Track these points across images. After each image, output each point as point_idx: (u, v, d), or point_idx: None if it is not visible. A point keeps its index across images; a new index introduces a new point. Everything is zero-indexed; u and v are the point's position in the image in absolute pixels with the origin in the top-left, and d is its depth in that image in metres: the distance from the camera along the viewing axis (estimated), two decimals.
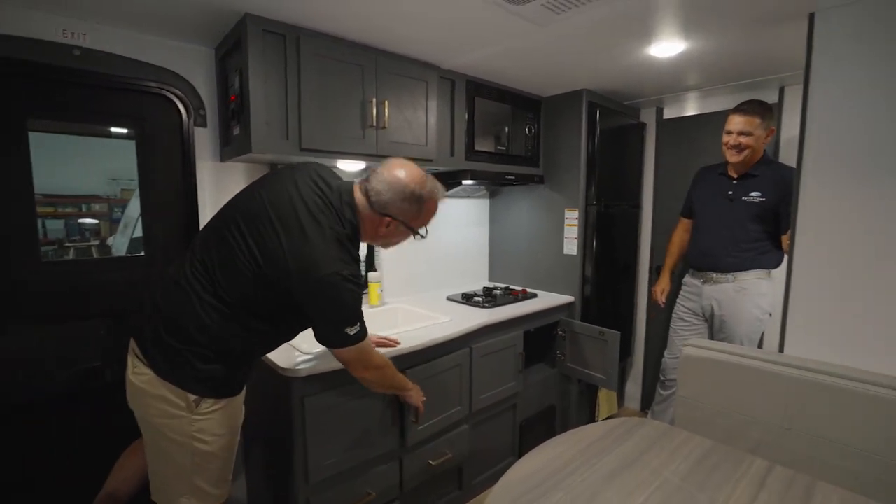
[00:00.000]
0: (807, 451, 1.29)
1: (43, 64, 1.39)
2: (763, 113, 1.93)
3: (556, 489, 1.04)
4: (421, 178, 1.25)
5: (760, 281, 2.02)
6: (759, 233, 2.00)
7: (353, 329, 1.20)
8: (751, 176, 2.03)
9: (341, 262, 1.15)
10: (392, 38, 1.69)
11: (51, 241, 1.54)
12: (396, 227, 1.28)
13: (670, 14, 1.48)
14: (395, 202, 1.23)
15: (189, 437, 1.16)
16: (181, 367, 1.13)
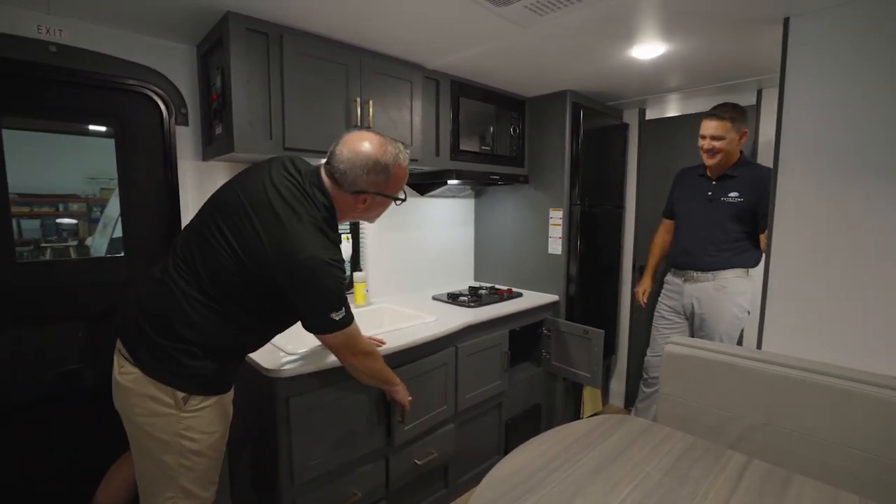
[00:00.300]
0: (784, 445, 1.32)
1: (17, 60, 1.36)
2: (735, 117, 1.98)
3: (540, 485, 1.05)
4: (381, 146, 1.23)
5: (739, 279, 2.07)
6: (738, 232, 2.05)
7: (339, 314, 1.20)
8: (729, 177, 2.07)
9: (321, 246, 1.14)
10: (376, 37, 1.69)
11: (26, 241, 1.51)
12: (373, 200, 1.27)
13: (651, 16, 1.50)
14: (362, 177, 1.21)
15: (177, 435, 1.14)
16: (169, 365, 1.12)
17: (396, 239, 2.45)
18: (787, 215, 1.51)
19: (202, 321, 1.13)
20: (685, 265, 2.17)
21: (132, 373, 1.13)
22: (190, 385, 1.14)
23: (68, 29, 1.43)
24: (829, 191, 1.42)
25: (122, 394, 1.15)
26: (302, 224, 1.14)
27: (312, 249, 1.12)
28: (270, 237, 1.12)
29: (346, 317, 1.22)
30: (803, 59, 1.45)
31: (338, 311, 1.19)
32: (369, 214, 1.34)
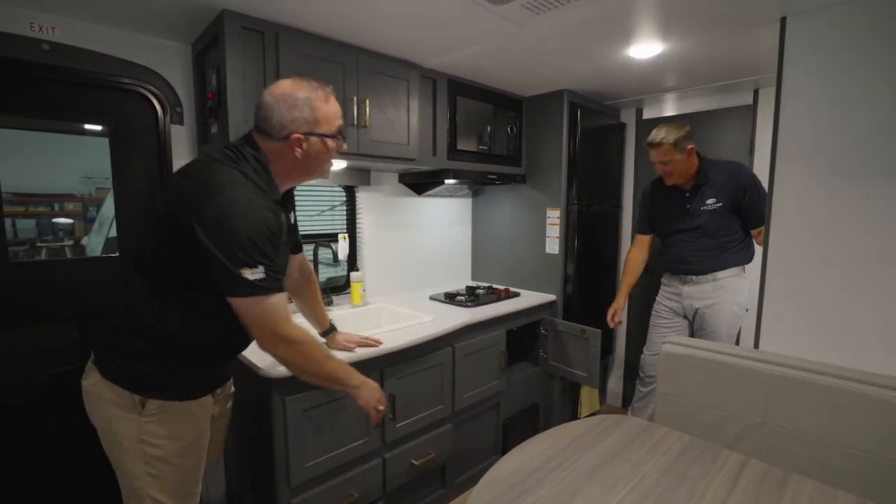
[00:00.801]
0: (781, 444, 1.32)
1: (10, 58, 1.35)
2: (676, 140, 1.97)
3: (538, 486, 1.05)
4: (299, 82, 1.14)
5: (736, 278, 2.08)
6: (726, 235, 2.05)
7: (253, 272, 1.00)
8: (699, 185, 2.07)
9: (245, 190, 1.03)
10: (373, 36, 1.68)
11: (21, 241, 1.49)
12: (310, 144, 1.15)
13: (648, 16, 1.50)
14: (286, 117, 1.11)
15: (138, 440, 1.09)
16: (120, 366, 1.09)
17: (393, 238, 2.45)
18: (785, 214, 1.51)
19: (139, 307, 1.09)
20: (681, 271, 2.18)
21: (93, 377, 1.11)
22: (142, 388, 1.09)
23: (62, 27, 1.42)
24: (827, 190, 1.42)
25: (87, 399, 1.13)
26: (227, 170, 1.05)
27: (232, 192, 1.00)
28: (193, 183, 1.04)
29: (264, 280, 1.02)
30: (800, 58, 1.45)
31: (252, 269, 1.00)
32: (314, 164, 1.19)
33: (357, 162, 1.87)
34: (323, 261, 2.11)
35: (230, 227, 0.98)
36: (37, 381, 1.50)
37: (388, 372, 1.62)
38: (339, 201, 2.23)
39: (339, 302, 2.19)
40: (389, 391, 1.64)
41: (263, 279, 1.02)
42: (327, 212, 2.19)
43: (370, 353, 1.53)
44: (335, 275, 2.26)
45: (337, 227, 2.23)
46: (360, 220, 2.29)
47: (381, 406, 1.30)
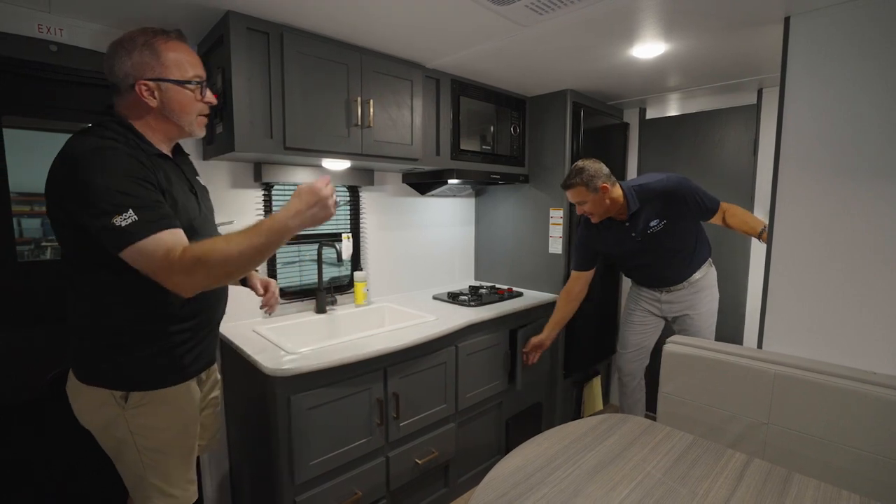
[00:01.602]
0: (784, 444, 1.32)
1: (18, 59, 1.36)
2: (584, 180, 1.89)
3: (541, 485, 1.05)
4: (132, 31, 1.07)
5: (708, 274, 2.09)
6: (683, 243, 2.01)
7: (124, 218, 0.93)
8: (635, 215, 1.96)
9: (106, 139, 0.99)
10: (376, 36, 1.69)
11: (27, 240, 1.51)
12: (163, 91, 1.07)
13: (651, 16, 1.50)
14: (126, 64, 1.04)
15: (129, 433, 1.09)
16: (91, 367, 1.08)
17: (397, 238, 2.45)
18: (789, 214, 1.51)
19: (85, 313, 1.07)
20: (655, 285, 2.16)
21: (72, 382, 1.12)
22: (119, 383, 1.08)
23: (68, 28, 1.43)
24: (831, 190, 1.42)
25: (73, 404, 1.13)
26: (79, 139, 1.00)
27: (81, 146, 0.96)
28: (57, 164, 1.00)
29: (139, 222, 0.94)
30: (804, 58, 1.44)
31: (121, 215, 0.93)
32: (177, 116, 1.11)
33: (361, 162, 1.87)
34: (327, 260, 2.12)
35: (83, 181, 0.93)
36: (41, 381, 1.51)
37: (391, 371, 1.63)
38: (343, 201, 2.24)
39: (343, 301, 2.20)
40: (393, 390, 1.64)
41: (136, 221, 0.94)
42: None
43: (374, 351, 1.54)
44: (339, 274, 2.27)
45: (341, 226, 2.24)
46: (364, 220, 2.30)
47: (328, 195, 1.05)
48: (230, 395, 1.77)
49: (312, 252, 2.13)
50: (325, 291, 2.06)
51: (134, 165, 0.98)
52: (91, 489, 1.61)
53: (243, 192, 1.88)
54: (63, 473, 1.56)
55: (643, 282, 2.20)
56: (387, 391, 1.63)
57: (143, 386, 1.09)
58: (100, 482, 1.60)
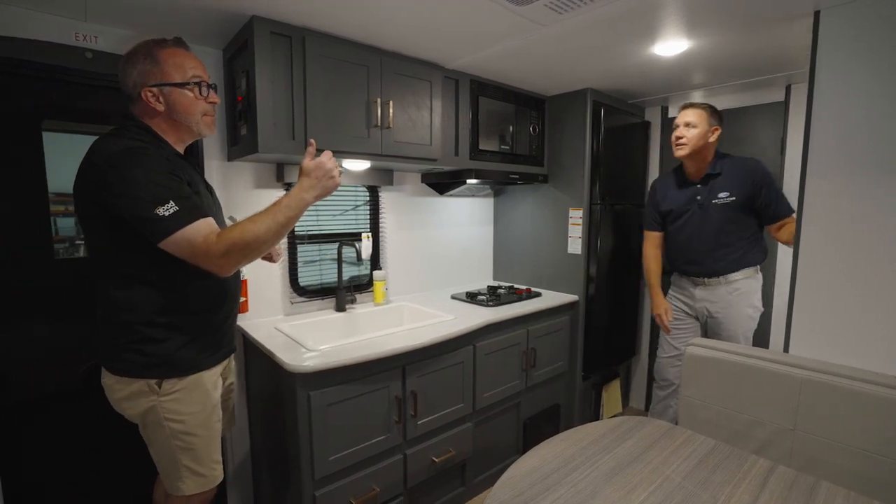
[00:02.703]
0: (812, 452, 1.28)
1: (56, 66, 1.42)
2: (711, 111, 1.98)
3: (557, 485, 1.05)
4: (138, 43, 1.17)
5: (750, 279, 2.02)
6: (738, 232, 1.99)
7: (166, 208, 1.03)
8: (712, 176, 2.01)
9: (135, 140, 1.09)
10: (397, 38, 1.70)
11: (62, 238, 1.57)
12: (166, 95, 1.16)
13: (673, 12, 1.48)
14: (133, 74, 1.14)
15: (163, 419, 1.17)
16: (124, 359, 1.15)
17: (416, 238, 2.47)
18: (817, 214, 1.46)
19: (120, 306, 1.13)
20: (692, 273, 2.12)
21: (108, 376, 1.18)
22: (153, 372, 1.15)
23: (103, 35, 1.49)
24: (861, 190, 1.37)
25: (109, 396, 1.21)
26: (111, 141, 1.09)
27: (114, 146, 1.06)
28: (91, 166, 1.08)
29: (180, 211, 1.04)
30: (834, 53, 1.40)
31: (164, 205, 1.03)
32: (184, 117, 1.19)
33: (380, 162, 1.90)
34: (346, 260, 2.15)
35: (124, 177, 1.03)
36: (76, 373, 1.58)
37: (409, 369, 1.65)
38: (363, 201, 2.27)
39: (363, 300, 2.22)
40: (411, 388, 1.66)
41: (178, 211, 1.04)
42: (350, 211, 2.23)
43: (393, 349, 1.56)
44: (358, 273, 2.30)
45: (360, 226, 2.27)
46: (383, 220, 2.32)
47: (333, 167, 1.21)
48: (252, 389, 1.81)
49: (332, 251, 2.17)
50: (344, 290, 2.10)
51: (165, 162, 1.09)
52: (121, 475, 1.67)
53: (266, 193, 1.92)
54: (95, 461, 1.63)
55: (682, 264, 2.15)
56: (405, 389, 1.64)
57: (175, 373, 1.17)
58: (129, 469, 1.66)
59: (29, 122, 1.44)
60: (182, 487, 1.22)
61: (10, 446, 1.46)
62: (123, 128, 1.15)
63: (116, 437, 1.63)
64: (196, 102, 1.20)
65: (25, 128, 1.44)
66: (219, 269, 1.09)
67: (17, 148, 1.43)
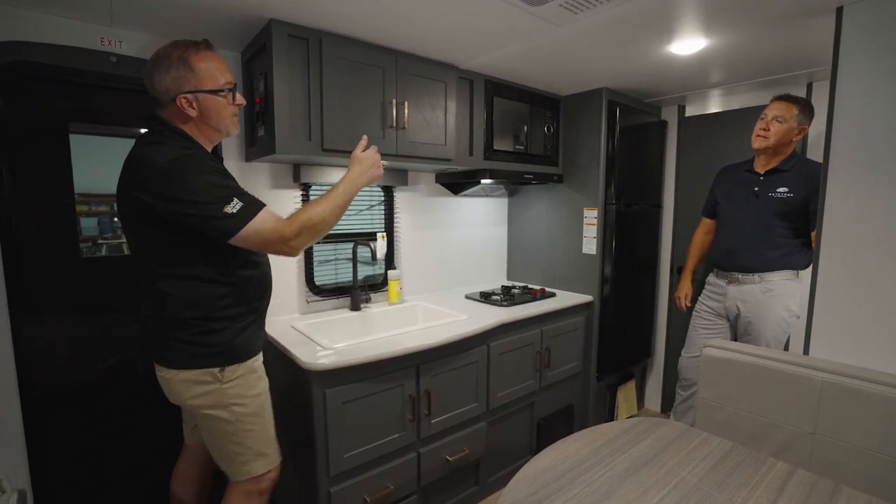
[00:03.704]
0: (832, 456, 1.26)
1: (83, 70, 1.47)
2: (804, 107, 1.90)
3: (571, 485, 1.05)
4: (170, 44, 1.17)
5: (788, 282, 1.97)
6: (787, 230, 1.95)
7: (232, 205, 1.09)
8: (778, 171, 1.97)
9: (170, 150, 1.11)
10: (412, 39, 1.72)
11: (85, 238, 1.61)
12: (200, 102, 1.18)
13: (691, 11, 1.46)
14: (166, 80, 1.14)
15: (228, 405, 1.23)
16: (187, 351, 1.19)
17: (430, 238, 2.48)
18: (838, 214, 1.43)
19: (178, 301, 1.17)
20: (729, 266, 2.08)
21: (168, 372, 1.22)
22: (216, 360, 1.21)
23: (127, 40, 1.54)
24: (885, 189, 1.34)
25: (169, 389, 1.25)
26: (155, 150, 1.11)
27: (163, 157, 1.09)
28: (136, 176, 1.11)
29: (246, 206, 1.11)
30: (858, 50, 1.37)
31: (229, 203, 1.09)
32: (215, 121, 1.22)
33: (395, 162, 1.91)
34: (361, 259, 2.17)
35: (186, 185, 1.07)
36: (101, 367, 1.62)
37: (423, 368, 1.66)
38: (378, 201, 2.29)
39: (377, 299, 2.24)
40: (425, 387, 1.67)
41: (243, 206, 1.11)
42: (365, 211, 2.25)
43: (407, 348, 1.57)
44: (373, 273, 2.32)
45: (375, 226, 2.29)
46: (398, 220, 2.34)
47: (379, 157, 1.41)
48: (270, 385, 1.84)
49: (348, 251, 2.19)
50: (359, 289, 2.12)
51: (213, 163, 1.17)
52: (140, 468, 1.71)
53: (283, 193, 1.95)
54: (114, 454, 1.67)
55: (722, 254, 2.11)
56: (419, 388, 1.66)
57: (235, 359, 1.24)
58: (147, 462, 1.70)
59: (57, 124, 1.49)
60: (250, 469, 1.27)
61: (36, 439, 1.50)
62: (160, 133, 1.17)
63: (136, 430, 1.68)
64: (227, 107, 1.24)
65: (54, 130, 1.48)
66: (291, 250, 1.19)
67: (46, 149, 1.48)
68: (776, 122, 1.91)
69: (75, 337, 1.57)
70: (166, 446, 1.69)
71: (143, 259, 1.20)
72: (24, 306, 1.46)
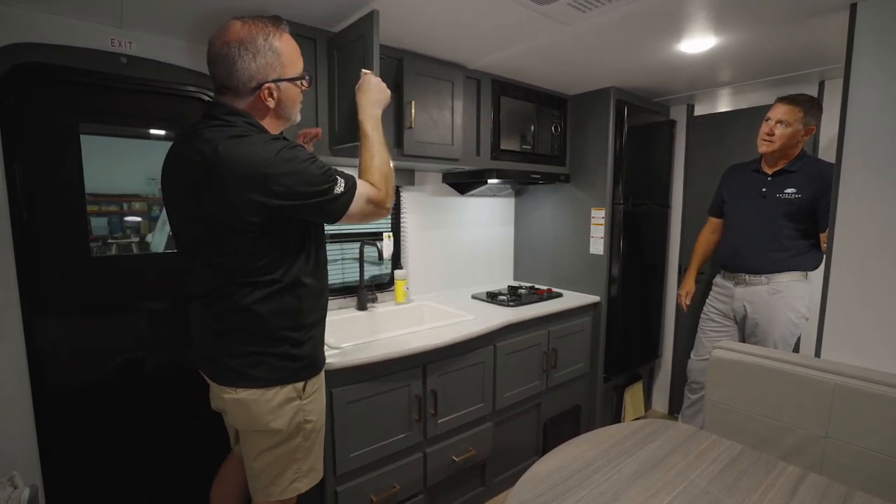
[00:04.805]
0: (844, 460, 1.24)
1: (94, 71, 1.48)
2: (809, 108, 1.86)
3: (579, 487, 1.04)
4: (246, 22, 1.04)
5: (796, 283, 1.95)
6: (795, 232, 1.92)
7: (339, 186, 1.07)
8: (786, 172, 1.95)
9: (271, 140, 1.03)
10: (419, 39, 1.71)
11: (95, 237, 1.63)
12: (280, 91, 1.08)
13: (700, 9, 1.45)
14: (251, 66, 1.03)
15: (300, 422, 1.16)
16: (271, 369, 1.11)
17: (437, 237, 2.48)
18: (851, 214, 1.41)
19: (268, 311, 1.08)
20: (736, 267, 2.06)
21: (244, 392, 1.10)
22: (296, 376, 1.14)
23: (137, 41, 1.55)
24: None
25: (248, 412, 1.11)
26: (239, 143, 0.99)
27: (264, 151, 0.99)
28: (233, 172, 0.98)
29: (348, 182, 1.09)
30: (871, 47, 1.35)
31: (336, 184, 1.06)
32: (287, 112, 1.14)
33: (402, 162, 1.91)
34: (368, 259, 2.17)
35: (302, 175, 1.02)
36: (110, 366, 1.63)
37: (430, 368, 1.66)
38: None
39: (384, 299, 2.25)
40: (432, 387, 1.67)
41: (346, 182, 1.09)
42: None
43: (414, 348, 1.57)
44: (379, 272, 2.32)
45: (382, 225, 2.29)
46: (405, 220, 2.34)
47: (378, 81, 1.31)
48: None
49: (354, 251, 2.20)
50: (366, 289, 2.12)
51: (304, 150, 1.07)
52: (152, 466, 1.73)
53: None
54: (124, 452, 1.69)
55: (729, 255, 2.09)
56: (425, 388, 1.65)
57: (312, 373, 1.18)
58: (155, 461, 1.71)
59: (68, 124, 1.50)
60: (298, 486, 1.19)
61: (47, 436, 1.52)
62: (234, 125, 1.04)
63: (144, 428, 1.69)
64: (300, 94, 1.16)
65: (65, 130, 1.50)
66: (387, 209, 1.19)
67: (58, 150, 1.49)
68: (780, 125, 1.89)
69: (85, 335, 1.58)
70: (173, 444, 1.71)
71: (221, 269, 1.06)
72: (37, 305, 1.47)
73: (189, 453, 1.75)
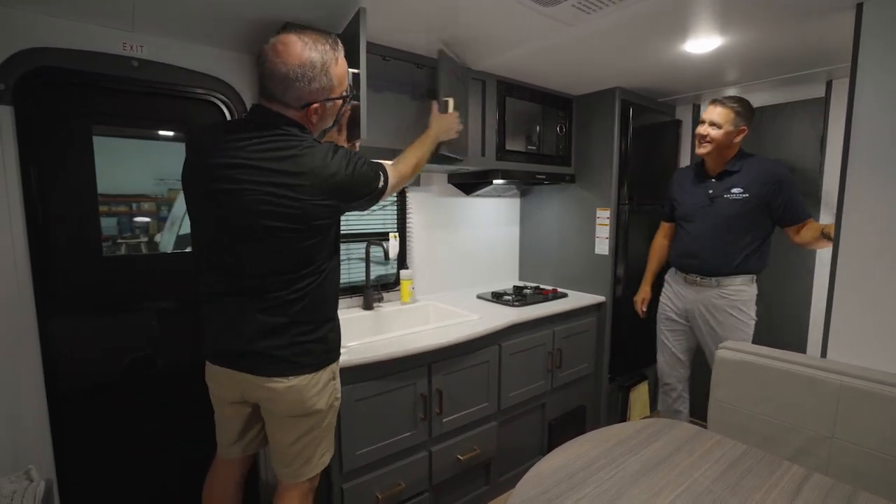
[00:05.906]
0: (850, 461, 1.24)
1: (107, 75, 1.51)
2: (740, 110, 1.89)
3: (582, 485, 1.05)
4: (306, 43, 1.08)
5: (745, 287, 1.96)
6: (745, 233, 1.93)
7: (380, 180, 1.23)
8: (728, 173, 1.96)
9: (326, 147, 1.13)
10: (424, 41, 1.73)
11: (105, 237, 1.65)
12: (324, 108, 1.17)
13: (706, 9, 1.45)
14: (306, 89, 1.10)
15: (333, 400, 1.27)
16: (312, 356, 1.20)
17: (442, 238, 2.49)
18: (857, 215, 1.41)
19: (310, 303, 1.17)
20: (688, 268, 2.07)
21: (303, 377, 1.18)
22: (331, 356, 1.25)
23: (148, 45, 1.57)
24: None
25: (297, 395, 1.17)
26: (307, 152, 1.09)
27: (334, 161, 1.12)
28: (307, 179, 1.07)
29: (384, 174, 1.25)
30: (878, 47, 1.34)
31: (379, 180, 1.23)
32: (324, 124, 1.23)
33: None
34: (374, 259, 2.19)
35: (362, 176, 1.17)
36: (121, 364, 1.66)
37: (435, 367, 1.67)
38: (390, 201, 2.31)
39: (389, 299, 2.26)
40: (437, 386, 1.68)
41: (383, 172, 1.24)
42: (378, 211, 2.27)
43: (419, 347, 1.58)
44: (385, 272, 2.34)
45: (388, 226, 2.31)
46: (410, 220, 2.36)
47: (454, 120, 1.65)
48: None
49: (360, 251, 2.21)
50: (372, 289, 2.14)
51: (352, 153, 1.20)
52: (162, 462, 1.76)
53: None
54: (137, 447, 1.71)
55: (682, 257, 2.11)
56: (430, 387, 1.67)
57: (339, 355, 1.30)
58: (165, 458, 1.74)
59: (82, 127, 1.53)
60: (326, 461, 1.30)
61: (60, 432, 1.55)
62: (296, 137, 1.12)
63: (154, 425, 1.72)
64: (336, 110, 1.23)
65: (78, 133, 1.53)
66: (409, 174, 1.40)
67: (71, 152, 1.52)
68: (713, 128, 1.92)
69: (96, 334, 1.61)
70: (181, 441, 1.73)
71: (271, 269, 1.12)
72: (51, 305, 1.50)
73: (196, 451, 1.78)
